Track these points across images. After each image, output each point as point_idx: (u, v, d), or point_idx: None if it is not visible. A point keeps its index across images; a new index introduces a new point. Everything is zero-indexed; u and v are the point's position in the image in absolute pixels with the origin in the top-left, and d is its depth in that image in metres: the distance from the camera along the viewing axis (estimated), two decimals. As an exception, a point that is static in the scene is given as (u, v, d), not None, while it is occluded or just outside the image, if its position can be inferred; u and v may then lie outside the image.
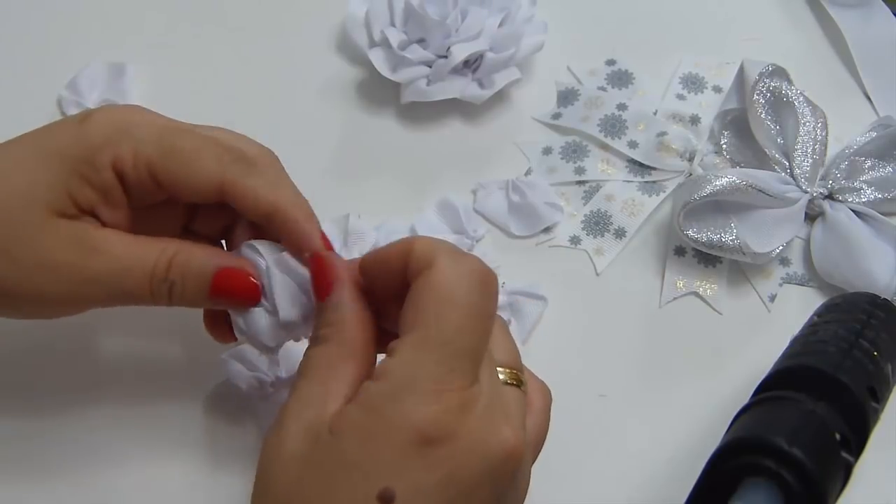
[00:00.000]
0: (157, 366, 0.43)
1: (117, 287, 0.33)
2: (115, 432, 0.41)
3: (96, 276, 0.33)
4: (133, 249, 0.33)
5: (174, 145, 0.34)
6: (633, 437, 0.42)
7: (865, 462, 0.42)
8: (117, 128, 0.34)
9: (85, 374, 0.42)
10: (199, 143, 0.34)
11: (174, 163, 0.34)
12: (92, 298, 0.34)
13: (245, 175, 0.34)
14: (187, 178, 0.34)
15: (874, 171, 0.48)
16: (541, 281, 0.45)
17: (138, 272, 0.33)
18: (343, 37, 0.54)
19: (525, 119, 0.52)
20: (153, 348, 0.43)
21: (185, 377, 0.42)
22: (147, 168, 0.33)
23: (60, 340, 0.43)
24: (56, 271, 0.33)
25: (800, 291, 0.47)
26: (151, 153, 0.33)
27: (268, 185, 0.34)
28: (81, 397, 0.42)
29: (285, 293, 0.34)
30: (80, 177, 0.33)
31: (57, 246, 0.33)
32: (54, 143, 0.34)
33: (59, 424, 0.41)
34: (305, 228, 0.34)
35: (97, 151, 0.33)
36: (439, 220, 0.48)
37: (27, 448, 0.40)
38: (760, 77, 0.48)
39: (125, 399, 0.42)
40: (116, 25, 0.54)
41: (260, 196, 0.34)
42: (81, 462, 0.40)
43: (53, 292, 0.33)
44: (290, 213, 0.34)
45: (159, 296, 0.34)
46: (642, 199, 0.49)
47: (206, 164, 0.34)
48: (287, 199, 0.34)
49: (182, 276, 0.34)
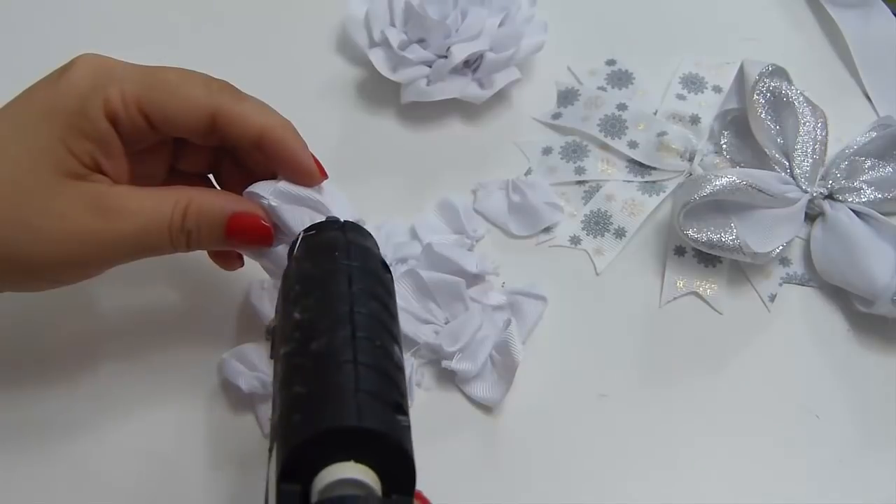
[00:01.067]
0: (158, 365, 0.43)
1: (138, 244, 0.34)
2: (114, 431, 0.41)
3: (117, 237, 0.33)
4: (147, 204, 0.34)
5: (160, 78, 0.35)
6: (633, 437, 0.42)
7: (866, 462, 0.42)
8: (100, 73, 0.34)
9: (84, 375, 0.42)
10: (184, 74, 0.35)
11: (163, 94, 0.34)
12: (114, 258, 0.34)
13: (234, 101, 0.35)
14: (177, 109, 0.34)
15: (874, 171, 0.48)
16: (541, 281, 0.45)
17: (157, 227, 0.34)
18: (343, 37, 0.54)
19: (525, 119, 0.52)
20: (153, 348, 0.43)
21: (185, 377, 0.42)
22: (137, 105, 0.34)
23: (60, 339, 0.43)
24: (77, 236, 0.33)
25: (800, 291, 0.47)
26: (139, 90, 0.34)
27: (256, 109, 0.35)
28: (81, 397, 0.42)
29: (297, 220, 0.35)
30: (76, 130, 0.33)
31: (74, 210, 0.33)
32: (42, 104, 0.34)
33: (57, 426, 0.41)
34: (295, 146, 0.36)
35: (86, 100, 0.33)
36: (439, 220, 0.48)
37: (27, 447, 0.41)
38: (760, 77, 0.48)
39: (125, 399, 0.42)
40: (116, 25, 0.54)
41: (250, 120, 0.35)
42: (81, 462, 0.40)
43: (76, 258, 0.33)
44: (280, 133, 0.35)
45: (178, 244, 0.35)
46: (642, 199, 0.49)
47: (195, 91, 0.35)
48: (276, 121, 0.36)
49: (198, 224, 0.35)
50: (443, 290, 0.43)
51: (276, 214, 0.36)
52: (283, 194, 0.35)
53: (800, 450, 0.42)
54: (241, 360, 0.41)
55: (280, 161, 0.36)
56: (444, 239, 0.46)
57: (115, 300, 0.44)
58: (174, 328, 0.44)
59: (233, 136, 0.35)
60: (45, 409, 0.41)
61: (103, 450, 0.41)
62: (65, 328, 0.44)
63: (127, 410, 0.41)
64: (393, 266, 0.45)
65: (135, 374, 0.42)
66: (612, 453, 0.42)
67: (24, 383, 0.42)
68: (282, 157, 0.36)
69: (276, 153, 0.35)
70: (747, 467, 0.41)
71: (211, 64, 0.53)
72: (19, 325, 0.43)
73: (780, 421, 0.43)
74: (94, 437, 0.41)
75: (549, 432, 0.42)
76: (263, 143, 0.35)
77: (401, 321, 0.43)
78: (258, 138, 0.35)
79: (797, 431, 0.42)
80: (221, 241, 0.35)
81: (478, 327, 0.42)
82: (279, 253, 0.36)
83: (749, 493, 0.41)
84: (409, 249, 0.45)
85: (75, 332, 0.43)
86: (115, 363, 0.43)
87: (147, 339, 0.43)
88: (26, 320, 0.43)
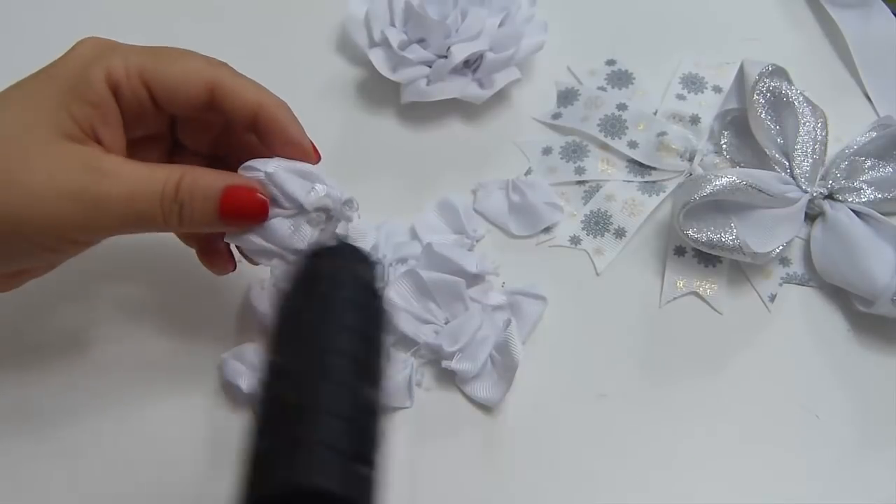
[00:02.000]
0: (157, 365, 0.43)
1: (129, 210, 0.34)
2: (114, 432, 0.41)
3: (107, 198, 0.33)
4: (141, 172, 0.34)
5: (162, 51, 0.36)
6: (633, 437, 0.42)
7: (866, 462, 0.42)
8: (104, 47, 0.35)
9: (84, 375, 0.42)
10: (184, 50, 0.36)
11: (164, 64, 0.35)
12: (105, 223, 0.34)
13: (233, 76, 0.36)
14: (178, 80, 0.35)
15: (874, 171, 0.48)
16: (541, 281, 0.45)
17: (148, 194, 0.34)
18: (343, 37, 0.54)
19: (525, 119, 0.52)
20: (153, 348, 0.43)
21: (185, 377, 0.42)
22: (139, 75, 0.35)
23: (59, 339, 0.43)
24: (68, 195, 0.33)
25: (800, 291, 0.47)
26: (141, 60, 0.35)
27: (254, 86, 0.37)
28: (80, 397, 0.42)
29: (297, 186, 0.35)
30: (76, 94, 0.34)
31: (67, 169, 0.33)
32: (46, 73, 0.35)
33: (56, 426, 0.41)
34: (291, 122, 0.36)
35: (88, 67, 0.34)
36: (439, 220, 0.48)
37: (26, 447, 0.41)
38: (760, 77, 0.48)
39: (125, 399, 0.42)
40: (116, 25, 0.54)
41: (247, 93, 0.36)
42: (80, 462, 0.40)
43: (66, 217, 0.33)
44: (276, 110, 0.36)
45: (170, 218, 0.34)
46: (642, 199, 0.49)
47: (196, 64, 0.36)
48: (273, 99, 0.37)
49: (191, 196, 0.34)
50: (443, 290, 0.43)
51: (275, 181, 0.35)
52: (281, 166, 0.35)
53: (800, 450, 0.42)
54: (241, 360, 0.41)
55: (276, 137, 0.36)
56: (444, 239, 0.46)
57: (114, 300, 0.44)
58: (174, 328, 0.44)
59: (230, 110, 0.36)
60: (43, 409, 0.41)
61: (103, 450, 0.41)
62: (64, 328, 0.44)
63: (126, 410, 0.41)
64: (393, 266, 0.45)
65: (134, 373, 0.42)
66: (612, 453, 0.42)
67: (23, 383, 0.42)
68: (278, 133, 0.36)
69: (272, 129, 0.36)
70: (747, 467, 0.41)
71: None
72: (19, 325, 0.43)
73: (780, 421, 0.43)
74: (94, 438, 0.41)
75: (548, 432, 0.42)
76: (260, 118, 0.36)
77: (401, 321, 0.43)
78: (255, 113, 0.36)
79: (797, 431, 0.42)
80: (215, 216, 0.35)
81: (478, 327, 0.42)
82: (276, 226, 0.35)
83: (749, 493, 0.41)
84: (408, 249, 0.45)
85: (74, 331, 0.43)
86: (115, 363, 0.43)
87: (147, 338, 0.43)
88: (25, 319, 0.43)
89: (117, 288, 0.45)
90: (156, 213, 0.34)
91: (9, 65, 0.52)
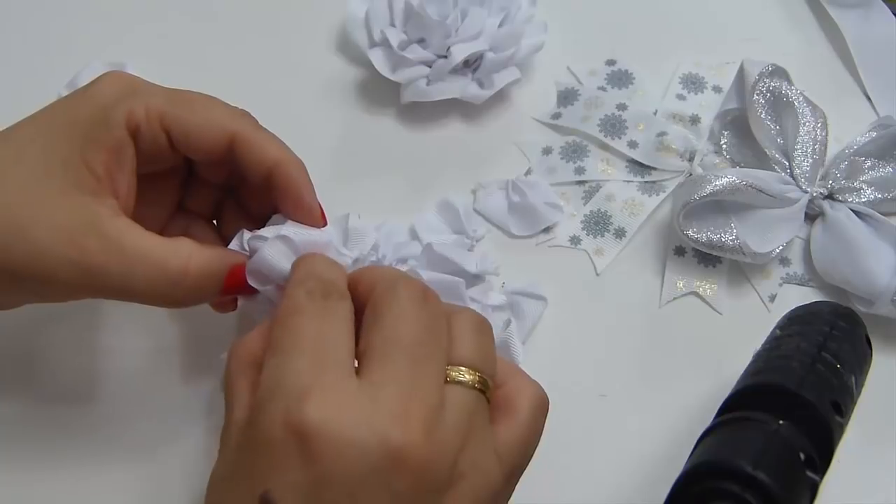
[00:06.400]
0: (157, 365, 0.43)
1: (125, 286, 0.33)
2: (114, 432, 0.41)
3: (106, 273, 0.33)
4: (141, 250, 0.33)
5: (185, 97, 0.35)
6: (633, 437, 0.42)
7: (865, 462, 0.42)
8: (126, 87, 0.35)
9: (83, 375, 0.42)
10: (208, 97, 0.36)
11: (186, 111, 0.35)
12: (101, 293, 0.34)
13: (254, 129, 0.35)
14: (199, 127, 0.35)
15: (874, 171, 0.48)
16: (541, 281, 0.45)
17: (149, 275, 0.33)
18: (343, 37, 0.54)
19: (525, 119, 0.52)
20: (152, 349, 0.43)
21: (185, 377, 0.42)
22: (160, 120, 0.34)
23: (60, 337, 0.43)
24: (67, 260, 0.33)
25: (800, 291, 0.47)
26: (163, 105, 0.34)
27: (275, 141, 0.36)
28: (80, 398, 0.42)
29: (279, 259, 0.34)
30: (94, 140, 0.33)
31: (72, 229, 0.33)
32: (66, 114, 0.34)
33: (54, 426, 0.41)
34: (306, 184, 0.35)
35: (110, 109, 0.34)
36: (439, 220, 0.48)
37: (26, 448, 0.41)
38: (760, 77, 0.48)
39: (124, 399, 0.42)
40: (116, 25, 0.54)
41: (267, 148, 0.35)
42: (80, 461, 0.40)
43: (65, 278, 0.33)
44: (293, 169, 0.35)
45: (169, 299, 0.34)
46: (642, 199, 0.49)
47: (217, 112, 0.35)
48: (292, 157, 0.36)
49: (197, 285, 0.34)
50: (443, 290, 0.43)
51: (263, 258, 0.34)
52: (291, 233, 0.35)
53: (800, 450, 0.42)
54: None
55: (288, 197, 0.35)
56: (444, 239, 0.46)
57: (114, 300, 0.44)
58: (173, 328, 0.44)
59: (247, 163, 0.35)
60: (41, 409, 0.41)
61: (101, 450, 0.41)
62: (63, 327, 0.44)
63: (125, 410, 0.41)
64: (393, 266, 0.45)
65: (133, 373, 0.42)
66: (612, 453, 0.42)
67: (22, 383, 0.42)
68: (291, 194, 0.35)
69: (285, 188, 0.35)
70: (747, 467, 0.41)
71: (211, 64, 0.53)
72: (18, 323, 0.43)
73: (780, 421, 0.43)
74: (93, 438, 0.41)
75: (548, 432, 0.42)
76: (276, 174, 0.35)
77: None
78: (272, 169, 0.35)
79: (797, 431, 0.42)
80: (216, 294, 0.35)
81: (478, 327, 0.42)
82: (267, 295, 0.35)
83: (749, 493, 0.41)
84: (409, 249, 0.45)
85: (73, 331, 0.43)
86: (114, 363, 0.43)
87: (146, 338, 0.43)
88: (24, 318, 0.43)
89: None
90: (153, 296, 0.34)
91: (9, 65, 0.52)
